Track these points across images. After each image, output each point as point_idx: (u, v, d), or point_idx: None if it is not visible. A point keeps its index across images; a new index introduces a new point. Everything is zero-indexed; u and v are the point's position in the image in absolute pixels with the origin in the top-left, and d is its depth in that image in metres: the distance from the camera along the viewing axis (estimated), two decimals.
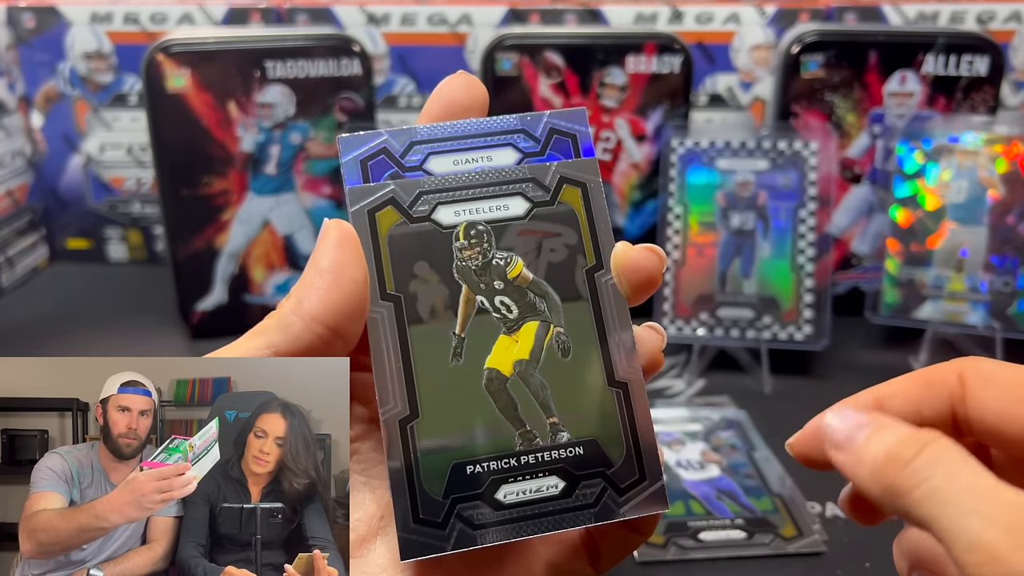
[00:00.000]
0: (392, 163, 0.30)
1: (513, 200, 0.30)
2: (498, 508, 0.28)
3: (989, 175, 0.76)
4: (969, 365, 0.28)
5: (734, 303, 0.76)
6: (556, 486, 0.28)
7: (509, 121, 0.31)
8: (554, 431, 0.29)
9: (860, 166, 0.84)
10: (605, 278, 0.30)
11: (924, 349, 0.76)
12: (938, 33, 0.80)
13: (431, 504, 0.28)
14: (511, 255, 0.30)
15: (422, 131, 0.31)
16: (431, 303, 0.29)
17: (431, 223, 0.30)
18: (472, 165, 0.31)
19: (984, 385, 0.27)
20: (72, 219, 0.98)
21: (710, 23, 0.90)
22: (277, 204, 0.82)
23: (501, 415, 0.29)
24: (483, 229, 0.30)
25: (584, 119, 0.32)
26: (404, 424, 0.28)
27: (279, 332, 0.27)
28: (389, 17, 0.91)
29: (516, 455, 0.28)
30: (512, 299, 0.30)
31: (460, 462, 0.28)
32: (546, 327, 0.30)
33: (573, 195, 0.31)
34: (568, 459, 0.29)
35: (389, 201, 0.30)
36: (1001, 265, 0.76)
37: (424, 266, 0.29)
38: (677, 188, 0.77)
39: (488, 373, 0.29)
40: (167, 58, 0.75)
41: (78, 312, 0.87)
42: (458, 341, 0.29)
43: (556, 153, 0.31)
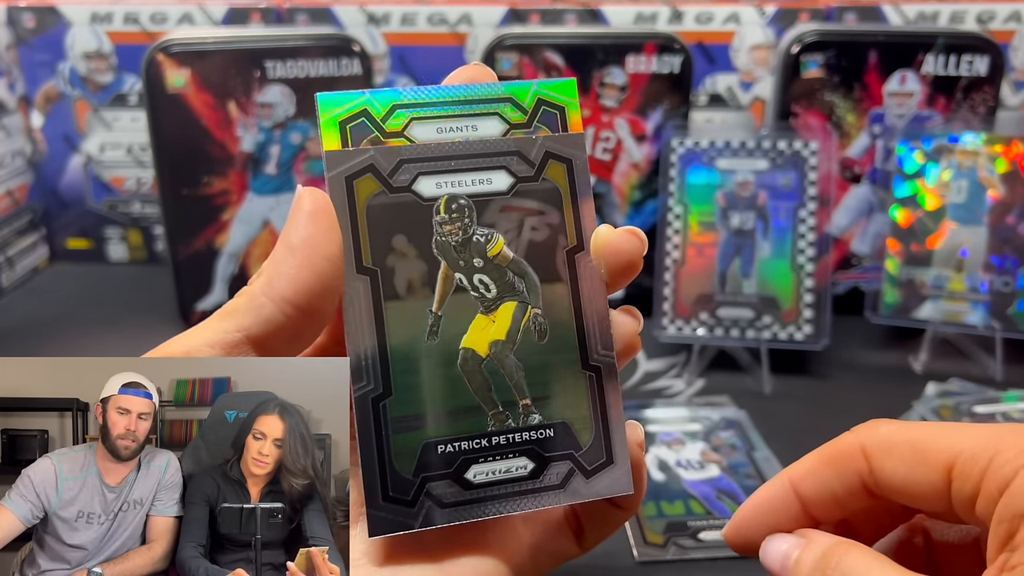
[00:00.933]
0: (372, 127, 0.29)
1: (497, 174, 0.30)
2: (467, 487, 0.28)
3: (989, 175, 0.76)
4: (869, 435, 0.28)
5: (734, 303, 0.76)
6: (525, 467, 0.29)
7: (496, 88, 0.30)
8: (526, 413, 0.29)
9: (860, 166, 0.84)
10: (586, 259, 0.30)
11: (924, 349, 0.76)
12: (938, 33, 0.80)
13: (400, 482, 0.27)
14: (492, 232, 0.29)
15: (407, 94, 0.29)
16: (408, 278, 0.29)
17: (411, 194, 0.29)
18: (456, 134, 0.30)
19: (886, 455, 0.27)
20: (72, 219, 0.98)
21: (710, 23, 0.90)
22: (277, 204, 0.82)
23: (475, 395, 0.29)
24: (464, 204, 0.29)
25: (574, 91, 0.31)
26: (376, 402, 0.28)
27: (249, 314, 0.27)
28: (389, 17, 0.91)
29: (487, 435, 0.29)
30: (491, 278, 0.29)
31: (431, 441, 0.28)
32: (524, 308, 0.29)
33: (558, 171, 0.30)
34: (538, 441, 0.29)
35: (368, 168, 0.29)
36: (1001, 265, 0.76)
37: (403, 240, 0.29)
38: (677, 188, 0.77)
39: (463, 353, 0.29)
40: (167, 58, 0.75)
41: (78, 312, 0.87)
42: (434, 319, 0.29)
43: (542, 125, 0.30)
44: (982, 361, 0.76)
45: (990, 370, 0.74)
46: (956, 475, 0.25)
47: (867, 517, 0.30)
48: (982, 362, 0.76)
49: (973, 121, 0.79)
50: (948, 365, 0.76)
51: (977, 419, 0.66)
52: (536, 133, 0.30)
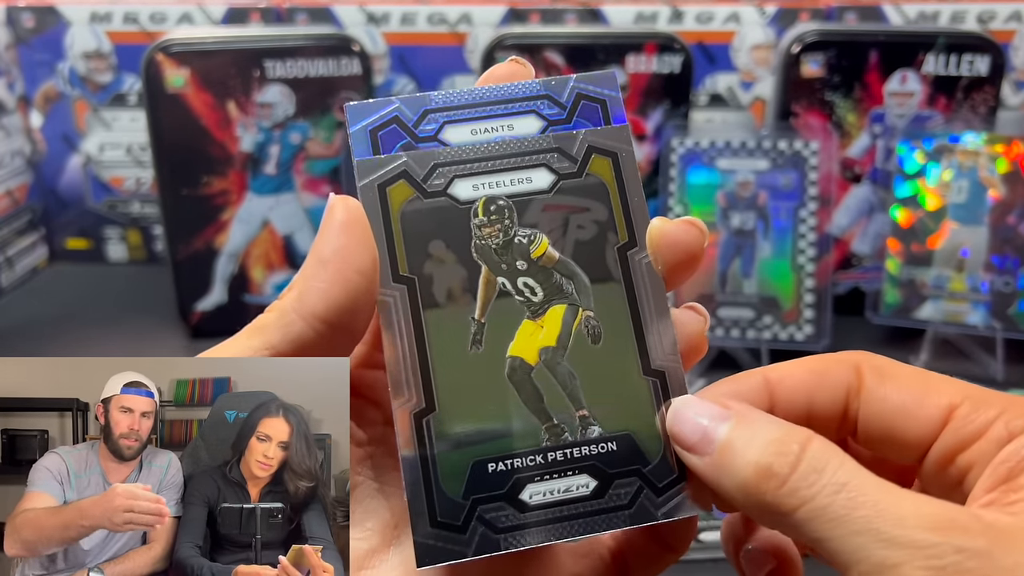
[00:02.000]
0: (404, 133, 0.28)
1: (537, 172, 0.28)
2: (523, 510, 0.25)
3: (990, 175, 0.76)
4: (865, 359, 0.26)
5: (734, 303, 0.76)
6: (587, 485, 0.26)
7: (532, 86, 0.28)
8: (584, 425, 0.26)
9: (860, 166, 0.84)
10: (639, 256, 0.28)
11: (925, 349, 0.76)
12: (938, 33, 0.80)
13: (450, 505, 0.25)
14: (535, 232, 0.27)
15: (437, 98, 0.28)
16: (448, 285, 0.27)
17: (447, 198, 0.27)
18: (492, 135, 0.28)
19: (881, 379, 0.25)
20: (72, 219, 0.98)
21: (710, 23, 0.90)
22: (277, 204, 0.82)
23: (525, 407, 0.26)
24: (504, 204, 0.27)
25: (614, 83, 0.29)
26: (419, 418, 0.26)
27: (278, 331, 0.25)
28: (389, 17, 0.91)
29: (543, 451, 0.26)
30: (536, 280, 0.27)
31: (481, 459, 0.26)
32: (574, 311, 0.27)
33: (603, 166, 0.28)
34: (600, 455, 0.26)
35: (401, 174, 0.27)
36: (1002, 265, 0.75)
37: (440, 245, 0.27)
38: (677, 188, 0.77)
39: (511, 362, 0.27)
40: (167, 58, 0.75)
41: (78, 312, 0.87)
42: (478, 327, 0.27)
43: (584, 120, 0.28)
44: (983, 361, 0.76)
45: (991, 370, 0.74)
46: (958, 416, 0.24)
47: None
48: (983, 362, 0.76)
49: (974, 121, 0.79)
50: (949, 365, 0.76)
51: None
52: (578, 129, 0.28)
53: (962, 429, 0.24)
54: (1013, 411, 0.24)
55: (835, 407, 0.26)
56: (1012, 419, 0.24)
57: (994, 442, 0.24)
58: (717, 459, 0.24)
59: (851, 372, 0.26)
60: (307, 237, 0.83)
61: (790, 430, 0.23)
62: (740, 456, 0.23)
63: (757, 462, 0.23)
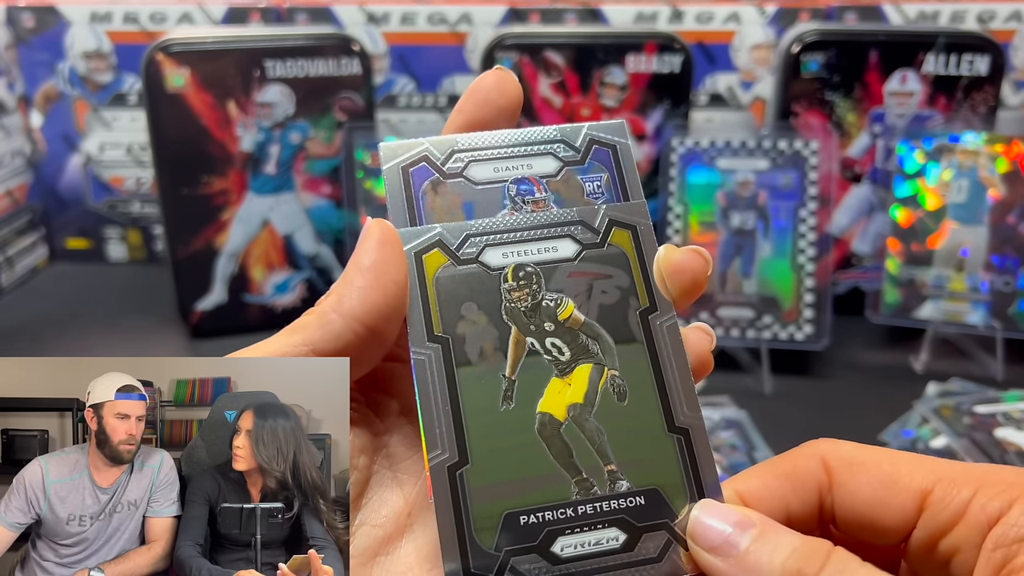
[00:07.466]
0: (433, 169, 0.30)
1: (562, 242, 0.30)
2: (555, 562, 0.26)
3: (990, 174, 0.76)
4: (831, 449, 0.27)
5: (734, 303, 0.76)
6: (617, 538, 0.27)
7: (548, 132, 0.31)
8: (612, 479, 0.27)
9: (860, 165, 0.84)
10: (660, 320, 0.29)
11: (925, 349, 0.76)
12: (939, 32, 0.80)
13: (483, 556, 0.26)
14: (561, 296, 0.29)
15: (462, 140, 0.31)
16: (480, 345, 0.28)
17: (479, 265, 0.29)
18: (512, 172, 0.30)
19: (851, 471, 0.26)
20: (72, 219, 0.98)
21: (710, 22, 0.90)
22: (277, 203, 0.82)
23: (556, 462, 0.27)
24: (532, 271, 0.29)
25: (624, 131, 0.32)
26: (453, 471, 0.27)
27: (318, 330, 0.27)
28: (389, 16, 0.91)
29: (573, 505, 0.27)
30: (563, 341, 0.29)
31: (513, 511, 0.27)
32: (600, 370, 0.29)
33: (623, 237, 0.30)
34: (628, 509, 0.27)
35: (436, 244, 0.29)
36: (1002, 265, 0.75)
37: (472, 307, 0.29)
38: (677, 188, 0.77)
39: (540, 417, 0.28)
40: (167, 57, 0.75)
41: (78, 312, 0.87)
42: (508, 384, 0.28)
43: (596, 162, 0.31)
44: (983, 361, 0.76)
45: (991, 370, 0.74)
46: (933, 501, 0.25)
47: None
48: (983, 362, 0.76)
49: (974, 120, 0.79)
50: (949, 365, 0.76)
51: (978, 419, 0.65)
52: (598, 199, 0.31)
53: (939, 515, 0.25)
54: (985, 491, 0.24)
55: (810, 508, 0.27)
56: (987, 501, 0.24)
57: (974, 528, 0.24)
58: (742, 562, 0.25)
59: (819, 468, 0.27)
60: (307, 237, 0.83)
61: (814, 542, 0.24)
62: (767, 560, 0.24)
63: (783, 567, 0.24)
